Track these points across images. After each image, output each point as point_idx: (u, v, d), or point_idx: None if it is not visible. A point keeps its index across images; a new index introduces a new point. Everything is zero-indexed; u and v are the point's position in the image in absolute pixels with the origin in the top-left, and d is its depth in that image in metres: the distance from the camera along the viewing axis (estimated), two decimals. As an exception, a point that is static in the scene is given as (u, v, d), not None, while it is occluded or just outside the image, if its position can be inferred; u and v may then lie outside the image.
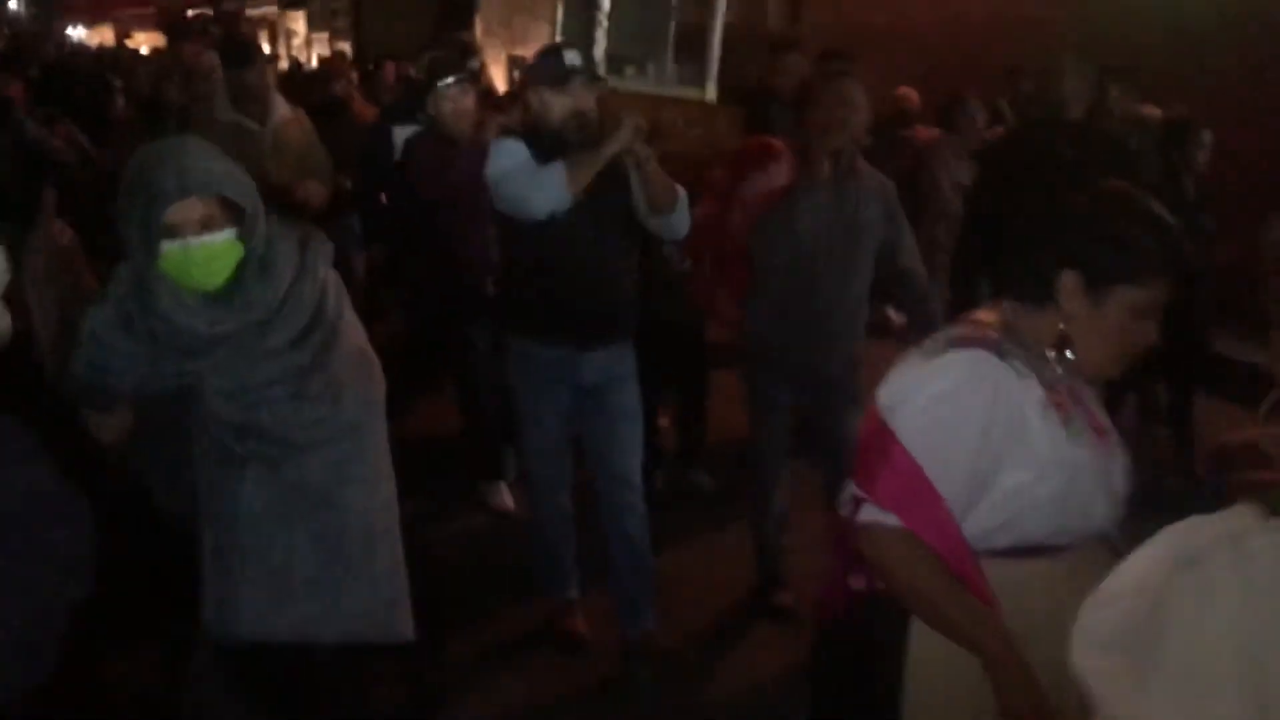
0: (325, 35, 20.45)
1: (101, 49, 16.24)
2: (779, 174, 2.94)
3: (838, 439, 3.06)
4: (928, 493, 1.49)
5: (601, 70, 5.15)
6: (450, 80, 3.66)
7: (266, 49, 18.21)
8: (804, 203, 2.93)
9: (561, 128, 2.71)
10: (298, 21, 23.30)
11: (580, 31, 7.66)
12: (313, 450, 1.98)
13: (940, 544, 1.50)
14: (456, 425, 4.19)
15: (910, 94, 6.40)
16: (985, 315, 1.60)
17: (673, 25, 8.13)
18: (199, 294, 1.88)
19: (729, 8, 7.54)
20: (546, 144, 2.71)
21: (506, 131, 3.00)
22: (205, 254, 1.83)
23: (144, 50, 13.52)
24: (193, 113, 4.39)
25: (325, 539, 1.99)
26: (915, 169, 5.39)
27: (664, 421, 4.59)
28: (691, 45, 7.93)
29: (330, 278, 2.04)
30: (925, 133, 5.82)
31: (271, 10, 23.73)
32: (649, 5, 8.03)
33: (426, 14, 17.40)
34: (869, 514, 1.55)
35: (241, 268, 1.88)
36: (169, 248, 1.82)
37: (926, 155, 5.54)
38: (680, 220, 2.81)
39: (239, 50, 4.07)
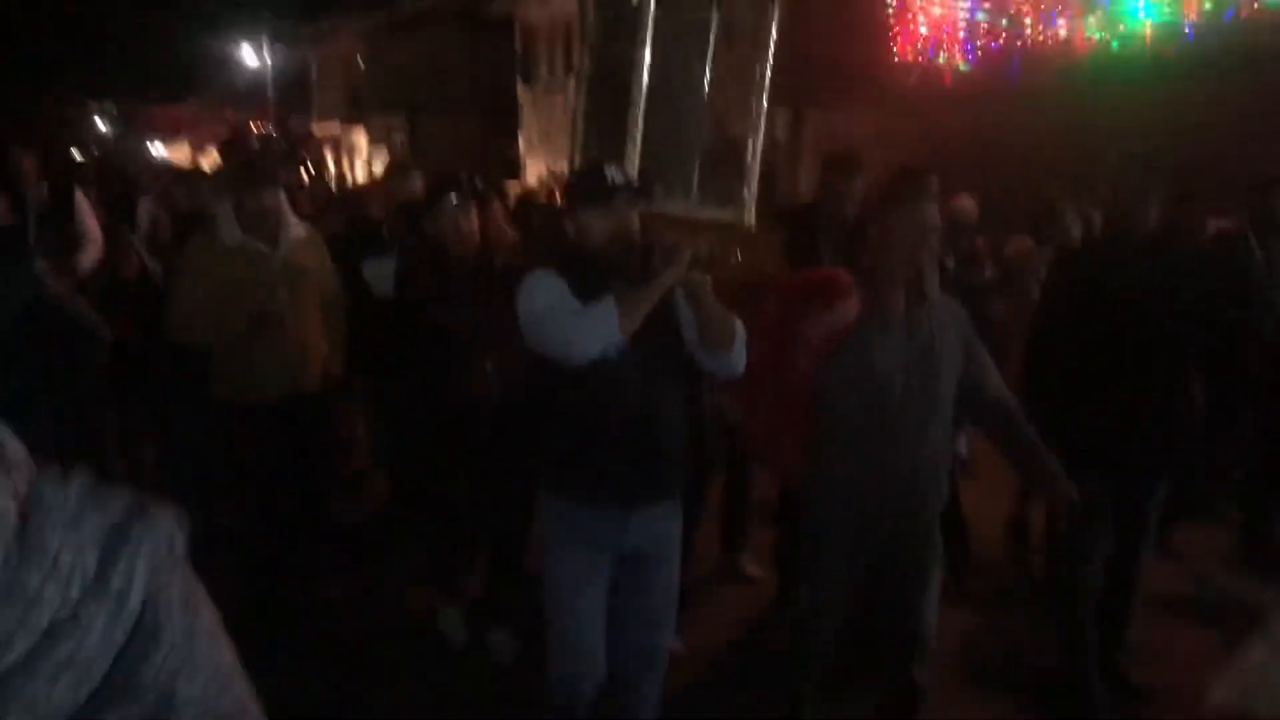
0: (384, 148, 21.54)
1: (143, 166, 16.73)
2: (847, 310, 2.64)
3: (909, 632, 2.77)
4: None
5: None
6: (454, 198, 3.47)
7: (332, 166, 19.03)
8: (877, 339, 2.64)
9: (604, 251, 2.46)
10: (360, 136, 24.52)
11: (602, 148, 7.95)
12: None
13: None
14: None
15: (968, 205, 5.48)
16: None
17: (701, 142, 8.36)
18: None
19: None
20: (584, 273, 2.46)
21: (541, 262, 2.72)
22: None
23: (192, 166, 13.91)
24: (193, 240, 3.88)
25: None
26: (1001, 285, 4.97)
27: (753, 570, 4.29)
28: (720, 162, 8.14)
29: (170, 597, 1.00)
30: (1019, 245, 5.25)
31: (335, 126, 25.01)
32: (681, 120, 8.29)
33: (475, 129, 18.21)
34: None
35: None
36: None
37: (1015, 270, 4.98)
38: (739, 357, 2.55)
39: (254, 168, 3.75)
